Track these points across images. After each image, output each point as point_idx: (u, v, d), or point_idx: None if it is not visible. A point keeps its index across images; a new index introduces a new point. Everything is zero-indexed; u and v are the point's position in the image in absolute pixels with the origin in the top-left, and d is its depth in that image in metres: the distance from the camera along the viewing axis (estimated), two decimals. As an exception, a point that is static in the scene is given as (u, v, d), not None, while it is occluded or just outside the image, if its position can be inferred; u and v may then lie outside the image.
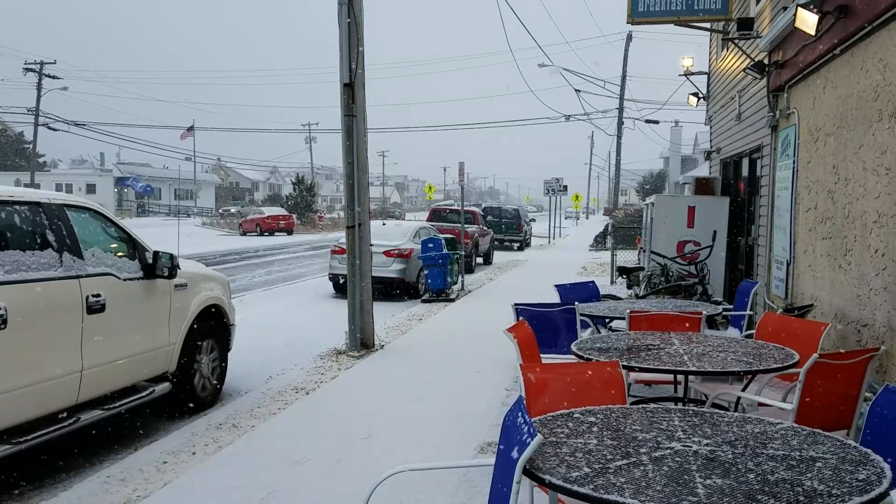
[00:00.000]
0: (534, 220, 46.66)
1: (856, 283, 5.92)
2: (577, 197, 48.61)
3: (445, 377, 7.67)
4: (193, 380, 6.46)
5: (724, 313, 7.59)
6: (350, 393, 7.11)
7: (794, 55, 7.57)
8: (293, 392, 7.04)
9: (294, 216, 46.21)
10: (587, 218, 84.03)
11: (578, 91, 31.47)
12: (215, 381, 6.88)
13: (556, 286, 7.66)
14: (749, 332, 6.62)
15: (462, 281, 15.74)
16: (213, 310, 6.80)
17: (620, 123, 37.58)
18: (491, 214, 30.46)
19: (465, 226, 18.22)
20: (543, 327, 5.97)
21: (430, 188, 45.75)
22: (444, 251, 14.29)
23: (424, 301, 14.03)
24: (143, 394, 5.82)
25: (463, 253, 16.09)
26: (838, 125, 6.48)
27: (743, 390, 4.49)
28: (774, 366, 4.10)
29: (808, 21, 6.36)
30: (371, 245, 9.60)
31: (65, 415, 4.98)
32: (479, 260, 22.94)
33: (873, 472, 2.42)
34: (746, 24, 8.97)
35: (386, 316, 11.85)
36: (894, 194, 5.18)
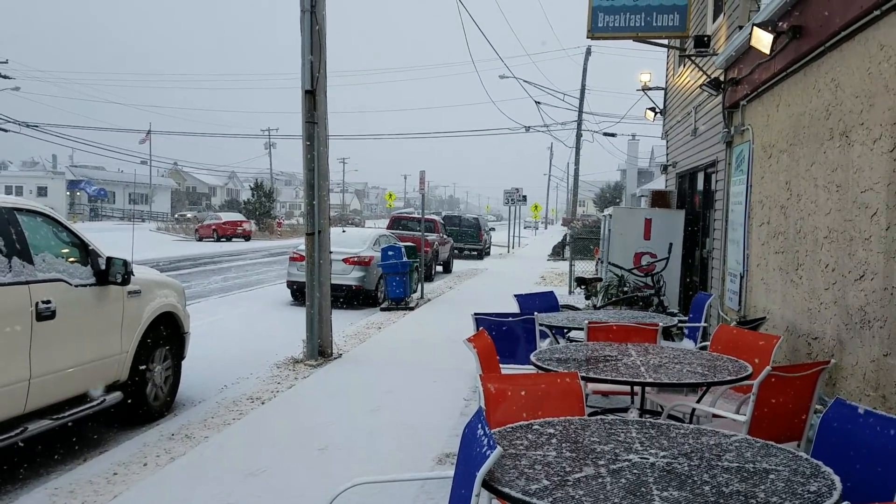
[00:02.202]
0: (493, 229, 46.91)
1: (807, 296, 6.07)
2: (536, 207, 49.03)
3: (404, 386, 7.63)
4: (146, 389, 6.31)
5: (680, 325, 7.71)
6: (307, 403, 7.02)
7: (749, 73, 7.76)
8: (248, 402, 6.93)
9: (252, 222, 45.61)
10: (546, 228, 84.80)
11: (539, 103, 31.86)
12: (168, 391, 6.73)
13: (515, 296, 7.70)
14: (703, 343, 6.74)
15: (422, 289, 15.72)
16: (167, 317, 6.66)
17: (579, 136, 38.11)
18: (451, 223, 30.51)
19: (426, 234, 18.22)
20: (503, 337, 5.99)
21: (391, 196, 45.73)
22: (404, 259, 14.26)
23: (384, 309, 13.97)
24: (94, 403, 5.66)
25: (423, 261, 16.08)
26: (791, 142, 6.65)
27: (698, 402, 4.56)
28: (728, 378, 4.18)
29: (763, 40, 6.53)
30: (330, 252, 9.52)
31: (11, 424, 4.81)
32: (439, 268, 22.96)
33: (824, 485, 2.47)
34: (703, 42, 9.17)
35: (344, 324, 11.76)
36: (844, 211, 5.34)
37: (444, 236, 24.50)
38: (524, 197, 40.62)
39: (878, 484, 2.78)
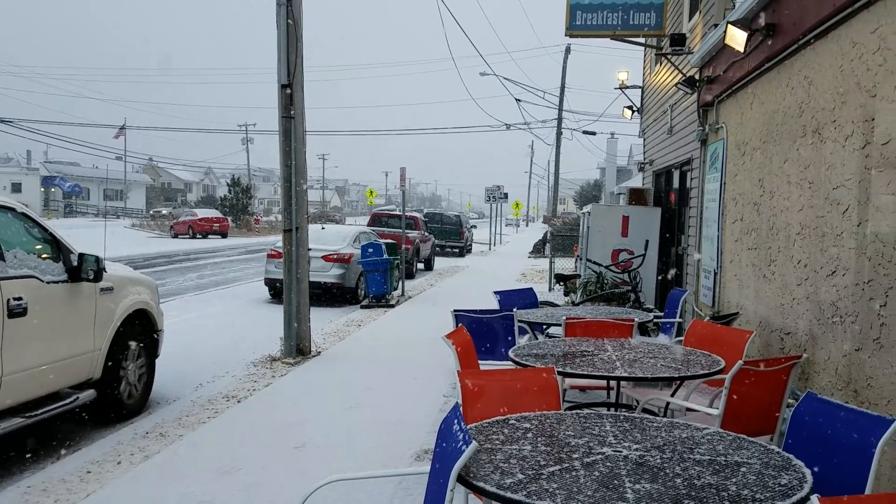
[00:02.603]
0: (475, 226, 46.92)
1: (779, 292, 6.14)
2: (517, 205, 49.24)
3: (383, 384, 7.62)
4: (119, 387, 6.24)
5: (655, 320, 7.78)
6: (284, 401, 6.99)
7: (723, 71, 7.83)
8: (224, 400, 6.88)
9: (229, 219, 45.26)
10: (527, 225, 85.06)
11: (519, 101, 31.91)
12: (142, 389, 6.66)
13: (495, 293, 7.71)
14: (678, 338, 6.80)
15: (402, 286, 15.69)
16: (140, 315, 6.59)
17: (559, 133, 38.26)
18: (432, 220, 30.50)
19: (407, 231, 18.19)
20: (482, 333, 6.00)
21: (372, 193, 45.52)
22: (385, 256, 14.23)
23: (364, 307, 13.93)
24: (67, 401, 5.58)
25: (404, 258, 16.06)
26: (764, 140, 6.73)
27: (672, 396, 4.60)
28: (701, 372, 4.22)
29: (737, 38, 6.58)
30: (309, 249, 9.47)
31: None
32: (421, 265, 22.93)
33: (795, 477, 2.50)
34: (679, 41, 9.24)
35: (324, 322, 11.71)
36: (816, 207, 5.41)
37: (426, 233, 24.48)
38: (505, 195, 40.73)
39: (849, 477, 2.82)
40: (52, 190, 67.13)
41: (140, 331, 6.60)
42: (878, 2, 4.48)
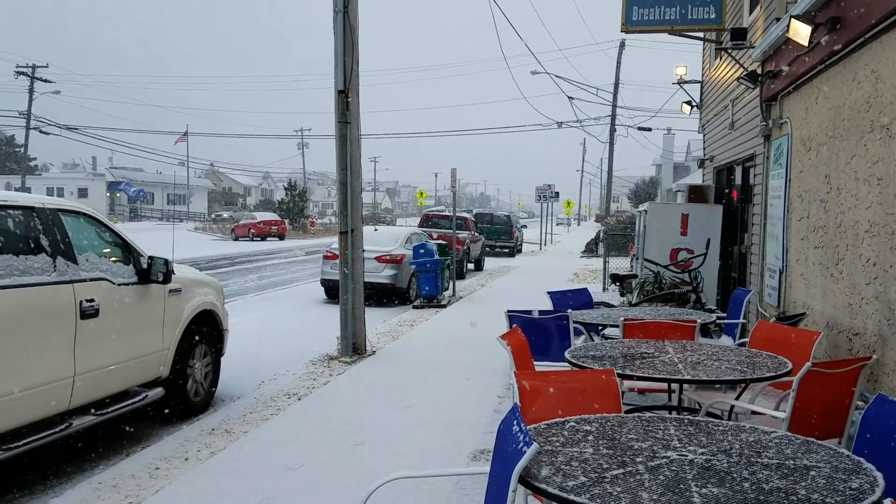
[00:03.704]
0: (525, 226, 46.68)
1: (847, 292, 5.95)
2: (568, 203, 48.70)
3: (437, 383, 7.67)
4: (186, 385, 6.44)
5: (718, 321, 7.62)
6: (342, 399, 7.09)
7: (787, 65, 7.62)
8: (285, 397, 7.02)
9: (286, 221, 46.12)
10: (579, 224, 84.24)
11: (571, 98, 31.62)
12: (208, 387, 6.85)
13: (548, 293, 7.67)
14: (742, 340, 6.64)
15: (453, 287, 15.74)
16: (206, 315, 6.78)
17: (613, 130, 37.77)
18: (482, 220, 30.46)
19: (457, 232, 18.23)
20: (536, 334, 5.97)
21: (422, 194, 45.74)
22: (436, 257, 14.29)
23: (416, 307, 14.02)
24: (136, 399, 5.79)
25: (454, 259, 16.10)
26: (830, 135, 6.53)
27: (737, 399, 4.51)
28: (768, 374, 4.12)
29: (801, 32, 6.41)
30: (363, 251, 9.60)
31: (57, 420, 4.95)
32: (471, 266, 22.95)
33: (866, 481, 2.43)
34: (740, 35, 9.02)
35: (377, 321, 11.84)
36: (886, 204, 5.23)
37: (476, 234, 24.49)
38: (556, 193, 40.39)
39: (923, 482, 2.72)
40: (118, 195, 69.49)
41: (206, 330, 6.79)
42: (953, -10, 4.31)
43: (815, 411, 3.90)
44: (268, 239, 41.54)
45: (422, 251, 14.27)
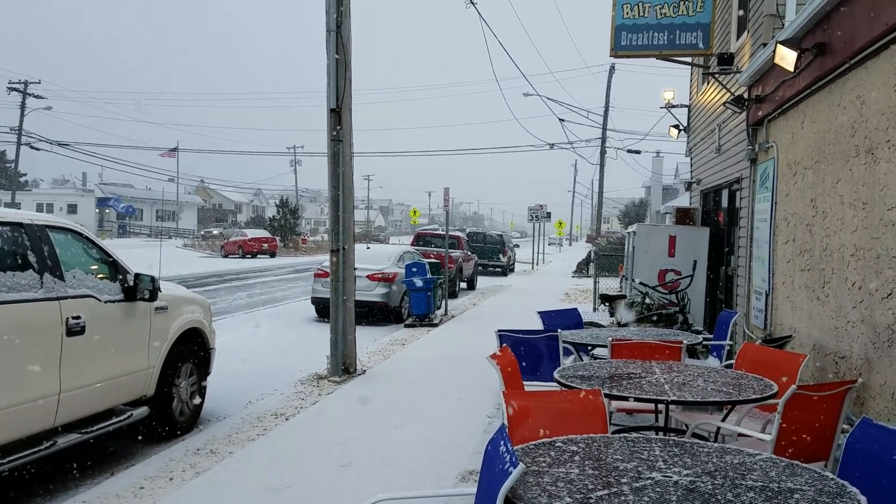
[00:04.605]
0: (517, 245, 46.82)
1: (834, 315, 6.00)
2: (560, 224, 48.93)
3: (427, 403, 7.64)
4: (172, 404, 6.39)
5: (705, 343, 7.64)
6: (331, 419, 7.06)
7: (773, 90, 7.73)
8: (273, 417, 6.98)
9: (277, 238, 46.04)
10: (570, 245, 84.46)
11: (562, 120, 31.87)
12: (194, 406, 6.80)
13: (539, 313, 7.69)
14: (729, 361, 6.67)
15: (445, 306, 15.73)
16: (193, 333, 6.75)
17: (603, 153, 38.06)
18: (475, 240, 30.55)
19: (450, 251, 18.26)
20: (526, 354, 5.99)
21: (415, 212, 45.88)
22: (428, 276, 14.30)
23: (407, 326, 13.99)
24: (121, 418, 5.74)
25: (447, 278, 16.11)
26: (816, 159, 6.61)
27: (723, 420, 4.52)
28: (753, 396, 4.14)
29: (787, 57, 6.51)
30: (355, 269, 9.59)
31: (41, 438, 4.90)
32: (463, 285, 22.96)
33: (850, 505, 2.44)
34: (727, 60, 9.16)
35: (368, 340, 11.80)
36: (871, 228, 5.29)
37: (468, 253, 24.52)
38: (548, 214, 40.57)
39: (907, 505, 2.74)
40: (107, 211, 69.26)
41: (192, 349, 6.76)
42: (934, 19, 4.40)
43: (801, 434, 3.92)
44: (258, 256, 41.42)
45: (414, 270, 14.28)
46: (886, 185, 5.03)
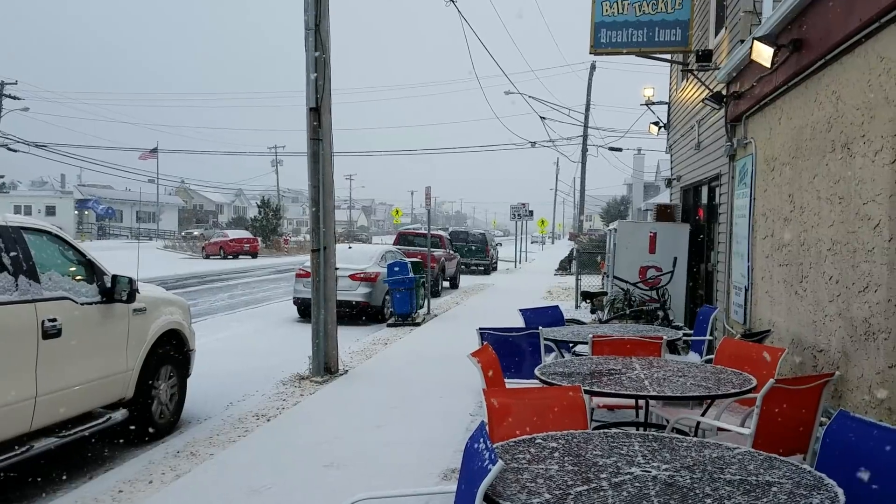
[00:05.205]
0: (500, 244, 46.89)
1: (812, 309, 6.05)
2: (542, 222, 49.09)
3: (410, 402, 7.63)
4: (151, 406, 6.33)
5: (685, 338, 7.69)
6: (313, 419, 7.02)
7: (751, 87, 7.79)
8: (254, 419, 6.93)
9: (259, 239, 45.76)
10: (553, 243, 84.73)
11: (543, 118, 31.93)
12: (174, 408, 6.74)
13: (520, 310, 7.69)
14: (709, 356, 6.72)
15: (428, 305, 15.72)
16: (172, 335, 6.69)
17: (585, 150, 38.20)
18: (458, 238, 30.55)
19: (432, 250, 18.24)
20: (508, 352, 5.98)
21: (398, 212, 45.73)
22: (411, 275, 14.27)
23: (390, 325, 13.97)
24: (100, 421, 5.67)
25: (429, 277, 16.09)
26: (794, 155, 6.66)
27: (702, 415, 4.54)
28: (733, 391, 4.16)
29: (763, 54, 6.56)
30: (337, 269, 9.55)
31: (18, 442, 4.83)
32: (446, 284, 22.96)
33: (827, 497, 2.46)
34: (705, 56, 9.21)
35: (351, 340, 11.76)
36: (847, 223, 5.34)
37: (451, 252, 24.52)
38: (531, 212, 40.66)
39: (882, 496, 2.76)
40: (86, 213, 68.52)
41: (172, 351, 6.69)
42: (906, 15, 4.45)
43: (780, 427, 3.94)
44: (240, 257, 41.17)
45: (396, 269, 14.25)
46: (862, 179, 5.09)
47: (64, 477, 5.49)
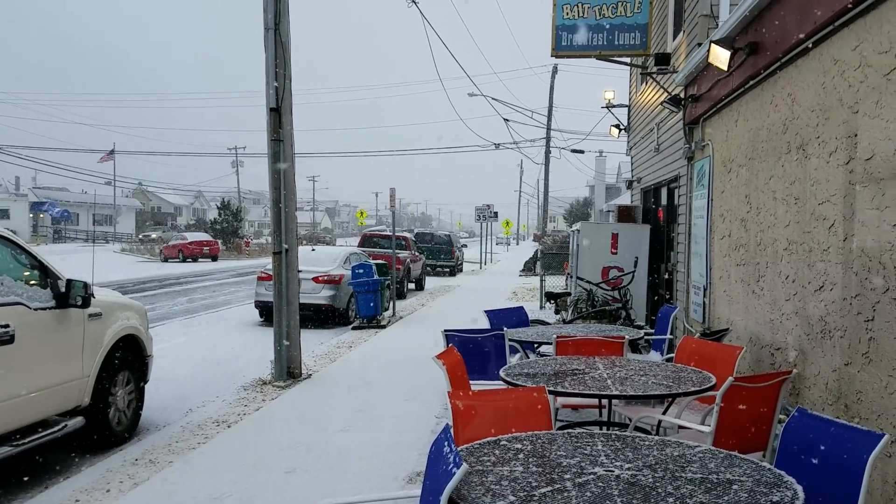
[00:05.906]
0: (465, 245, 46.99)
1: (769, 308, 6.17)
2: (507, 223, 49.33)
3: (375, 406, 7.58)
4: (108, 413, 6.18)
5: (646, 337, 7.78)
6: (275, 425, 6.93)
7: (708, 89, 7.92)
8: (214, 425, 6.81)
9: (219, 242, 45.07)
10: (518, 244, 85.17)
11: (507, 120, 32.12)
12: (132, 415, 6.59)
13: (486, 312, 7.71)
14: (669, 355, 6.80)
15: (394, 307, 15.66)
16: (129, 340, 6.54)
17: (548, 152, 38.52)
18: (423, 240, 30.51)
19: (397, 251, 18.18)
20: (473, 353, 5.98)
21: (362, 213, 45.47)
22: (375, 277, 14.20)
23: (355, 328, 13.88)
24: (55, 429, 5.52)
25: (394, 279, 16.03)
26: (750, 157, 6.79)
27: (664, 413, 4.59)
28: (692, 389, 4.22)
29: (720, 57, 6.67)
30: (300, 271, 9.45)
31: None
32: (412, 285, 22.91)
33: (787, 494, 2.50)
34: (664, 60, 9.35)
35: (315, 344, 11.65)
36: (803, 223, 5.45)
37: (416, 253, 24.49)
38: (495, 213, 40.84)
39: (841, 492, 2.82)
40: (41, 216, 66.77)
41: (129, 356, 6.54)
42: (859, 20, 4.56)
43: (739, 425, 4.00)
44: (200, 260, 40.49)
45: (361, 271, 14.16)
46: (817, 180, 5.20)
47: (19, 487, 5.33)
